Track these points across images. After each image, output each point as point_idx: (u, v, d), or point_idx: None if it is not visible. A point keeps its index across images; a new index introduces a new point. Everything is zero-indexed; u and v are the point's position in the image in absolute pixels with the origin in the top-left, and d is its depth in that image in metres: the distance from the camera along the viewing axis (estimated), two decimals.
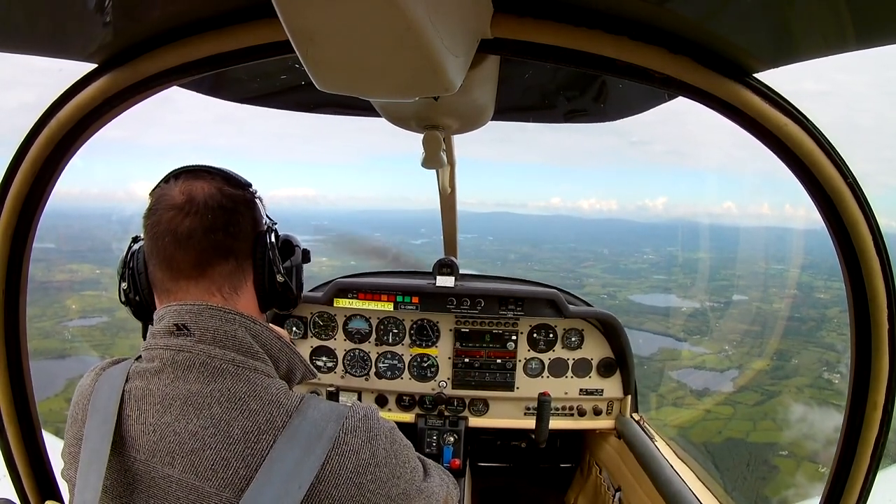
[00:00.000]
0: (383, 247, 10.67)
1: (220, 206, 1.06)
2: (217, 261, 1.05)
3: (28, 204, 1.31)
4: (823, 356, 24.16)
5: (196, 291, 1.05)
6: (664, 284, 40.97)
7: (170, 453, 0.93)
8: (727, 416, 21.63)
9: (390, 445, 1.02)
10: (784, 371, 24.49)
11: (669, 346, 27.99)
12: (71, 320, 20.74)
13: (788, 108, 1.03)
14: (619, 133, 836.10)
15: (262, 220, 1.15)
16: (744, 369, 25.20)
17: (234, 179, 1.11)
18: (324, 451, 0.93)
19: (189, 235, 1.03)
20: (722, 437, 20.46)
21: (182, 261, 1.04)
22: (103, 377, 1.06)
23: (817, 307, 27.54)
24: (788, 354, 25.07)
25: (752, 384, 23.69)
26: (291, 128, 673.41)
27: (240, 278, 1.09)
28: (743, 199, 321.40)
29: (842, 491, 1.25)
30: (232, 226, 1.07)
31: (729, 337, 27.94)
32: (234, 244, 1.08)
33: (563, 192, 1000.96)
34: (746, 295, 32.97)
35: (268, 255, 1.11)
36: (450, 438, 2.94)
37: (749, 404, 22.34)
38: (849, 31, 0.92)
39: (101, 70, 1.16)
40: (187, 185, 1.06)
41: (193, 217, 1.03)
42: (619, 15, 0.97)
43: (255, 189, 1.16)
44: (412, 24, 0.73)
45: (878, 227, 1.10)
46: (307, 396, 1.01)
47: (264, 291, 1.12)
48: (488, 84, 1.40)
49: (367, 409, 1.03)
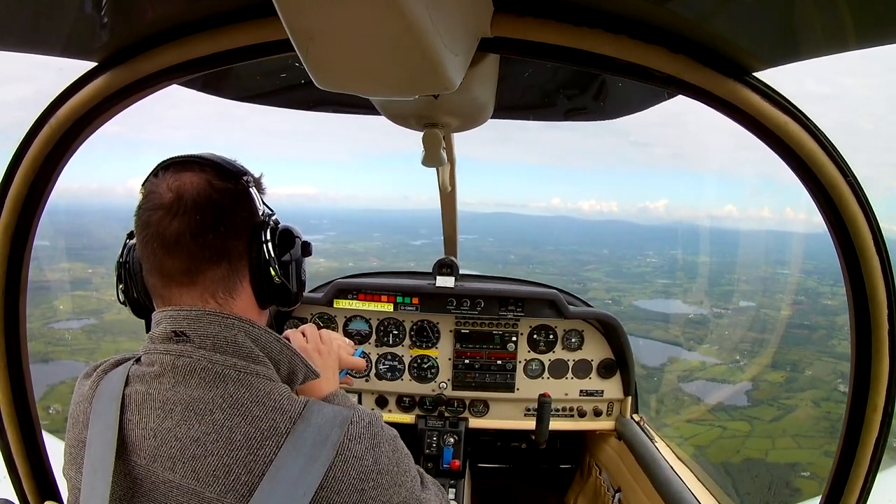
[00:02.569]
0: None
1: (210, 202, 1.00)
2: (208, 266, 1.01)
3: (28, 203, 1.30)
4: (837, 367, 23.44)
5: (189, 298, 1.01)
6: (669, 289, 40.55)
7: (171, 458, 0.92)
8: (744, 433, 20.85)
9: (393, 453, 1.01)
10: (798, 383, 23.76)
11: (679, 356, 27.34)
12: (58, 322, 19.93)
13: (788, 106, 1.03)
14: (620, 134, 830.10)
15: (259, 212, 1.07)
16: (757, 381, 24.41)
17: (227, 169, 1.05)
18: (328, 457, 0.92)
19: (177, 240, 0.98)
20: (740, 456, 19.62)
21: (172, 268, 1.00)
22: (105, 381, 1.04)
23: (826, 314, 26.90)
24: (801, 365, 24.38)
25: (768, 398, 22.99)
26: (292, 124, 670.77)
27: (234, 280, 1.04)
28: (744, 202, 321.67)
29: (841, 492, 1.24)
30: (223, 224, 1.01)
31: (739, 346, 27.28)
32: (227, 244, 1.02)
33: (564, 193, 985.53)
34: (753, 301, 32.47)
35: (263, 253, 1.05)
36: (450, 439, 2.94)
37: (766, 420, 21.58)
38: (849, 31, 0.92)
39: (101, 68, 1.16)
40: (176, 180, 1.00)
41: (181, 218, 0.98)
42: (619, 14, 0.97)
43: (251, 176, 1.09)
44: (412, 23, 0.73)
45: (879, 227, 1.09)
46: (311, 402, 0.99)
47: (262, 291, 1.08)
48: (488, 82, 1.40)
49: (370, 416, 1.02)
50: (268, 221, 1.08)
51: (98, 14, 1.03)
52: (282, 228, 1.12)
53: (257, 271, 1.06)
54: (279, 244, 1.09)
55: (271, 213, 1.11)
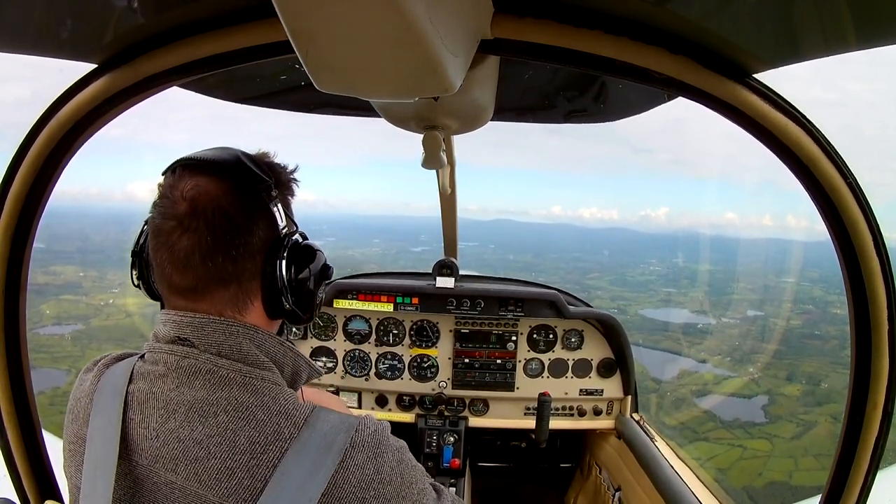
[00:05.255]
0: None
1: (224, 219, 0.95)
2: (215, 288, 0.98)
3: (28, 204, 1.30)
4: None
5: (195, 309, 1.00)
6: (675, 298, 40.04)
7: (173, 460, 0.92)
8: (765, 452, 20.20)
9: (397, 465, 0.98)
10: (815, 397, 23.19)
11: (691, 369, 26.71)
12: (44, 327, 19.44)
13: (788, 108, 1.03)
14: (621, 141, 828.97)
15: (279, 227, 1.02)
16: (773, 395, 23.81)
17: (248, 177, 0.99)
18: (333, 463, 0.91)
19: (186, 259, 0.95)
20: (763, 479, 18.90)
21: (179, 284, 0.99)
22: (106, 375, 1.03)
23: (836, 323, 26.35)
24: (817, 377, 23.84)
25: (785, 413, 22.45)
26: (292, 129, 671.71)
27: (244, 300, 1.01)
28: (746, 210, 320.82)
29: (841, 492, 1.25)
30: (235, 247, 0.97)
31: (751, 357, 26.80)
32: (238, 267, 0.99)
33: (565, 201, 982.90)
34: (762, 310, 32.04)
35: (277, 275, 1.01)
36: (450, 438, 2.94)
37: (786, 438, 20.98)
38: (849, 31, 0.92)
39: (101, 70, 1.16)
40: (192, 186, 0.96)
41: (192, 235, 0.94)
42: (619, 15, 0.97)
43: (281, 176, 1.04)
44: (412, 25, 0.73)
45: (879, 228, 1.09)
46: (317, 408, 0.98)
47: (272, 310, 1.04)
48: (488, 84, 1.40)
49: (377, 425, 0.99)
50: (288, 238, 1.03)
51: (98, 16, 1.03)
52: (303, 246, 1.07)
53: (269, 292, 1.03)
54: (297, 262, 1.05)
55: (293, 228, 1.06)
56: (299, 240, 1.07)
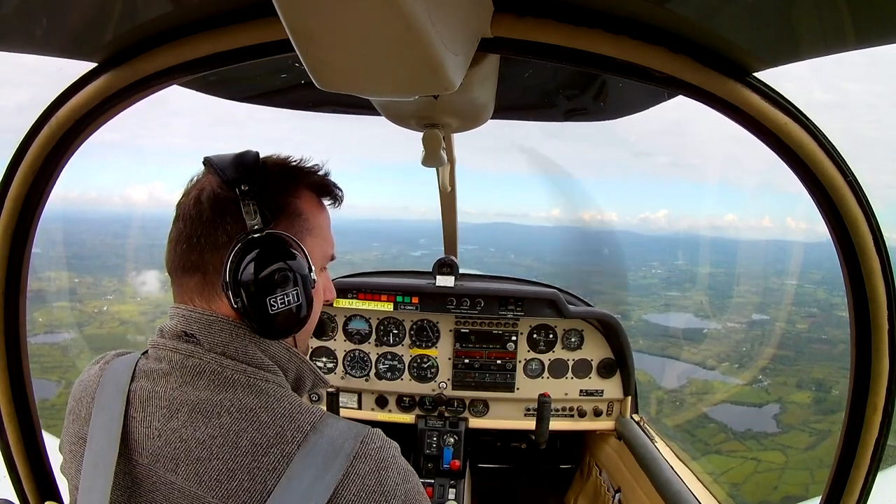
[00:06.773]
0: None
1: (195, 211, 1.02)
2: (182, 275, 1.04)
3: (27, 204, 1.30)
4: None
5: (178, 295, 1.06)
6: (677, 302, 39.26)
7: (174, 460, 0.91)
8: (780, 465, 19.53)
9: (402, 483, 0.95)
10: (827, 404, 22.52)
11: (699, 377, 25.99)
12: (35, 335, 18.52)
13: (788, 107, 1.03)
14: (622, 144, 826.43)
15: (247, 224, 0.98)
16: (784, 403, 23.13)
17: (233, 176, 0.99)
18: (339, 470, 0.90)
19: (171, 244, 1.04)
20: (779, 493, 18.26)
21: (167, 263, 1.06)
22: (108, 372, 1.02)
23: (841, 326, 25.11)
24: (827, 384, 23.24)
25: (798, 422, 21.85)
26: (290, 132, 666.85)
27: (210, 292, 1.02)
28: (746, 212, 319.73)
29: (841, 492, 1.24)
30: (202, 237, 1.00)
31: (759, 364, 26.18)
32: (202, 258, 1.00)
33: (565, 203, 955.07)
34: (767, 314, 31.43)
35: (239, 272, 0.96)
36: (450, 439, 2.94)
37: (800, 448, 20.32)
38: (849, 30, 0.92)
39: (101, 69, 1.16)
40: (196, 181, 1.07)
41: (176, 224, 1.04)
42: (619, 14, 0.97)
43: (267, 178, 1.02)
44: (412, 23, 0.72)
45: (879, 227, 1.09)
46: (326, 414, 0.97)
47: (237, 308, 0.98)
48: (488, 82, 1.40)
49: (385, 442, 0.98)
50: (258, 237, 0.98)
51: (98, 14, 1.03)
52: (268, 245, 0.98)
53: (229, 289, 0.97)
54: (260, 261, 0.97)
55: (265, 228, 0.99)
56: (259, 237, 0.98)
